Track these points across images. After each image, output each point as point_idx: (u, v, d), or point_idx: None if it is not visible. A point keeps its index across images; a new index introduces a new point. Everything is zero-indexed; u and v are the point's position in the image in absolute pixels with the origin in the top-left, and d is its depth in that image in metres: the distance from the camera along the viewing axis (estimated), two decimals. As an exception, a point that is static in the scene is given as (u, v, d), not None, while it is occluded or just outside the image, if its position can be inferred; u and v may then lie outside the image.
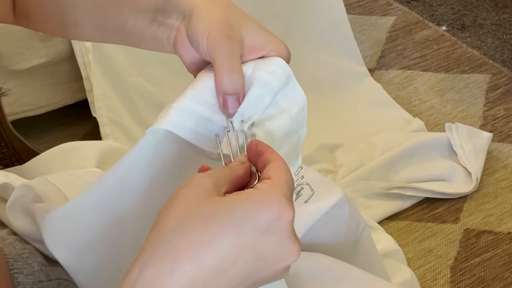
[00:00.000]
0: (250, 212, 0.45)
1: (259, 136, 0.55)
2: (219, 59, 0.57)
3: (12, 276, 0.67)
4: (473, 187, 1.58)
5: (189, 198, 0.46)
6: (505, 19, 2.15)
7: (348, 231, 0.91)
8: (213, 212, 0.45)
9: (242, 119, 0.56)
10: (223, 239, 0.45)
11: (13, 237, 0.73)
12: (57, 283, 0.69)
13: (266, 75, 0.58)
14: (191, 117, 0.55)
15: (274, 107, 0.58)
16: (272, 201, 0.46)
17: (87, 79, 1.57)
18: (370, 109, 1.81)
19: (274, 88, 0.58)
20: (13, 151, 1.39)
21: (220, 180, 0.48)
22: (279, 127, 0.57)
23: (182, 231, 0.45)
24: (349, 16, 1.90)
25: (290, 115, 0.59)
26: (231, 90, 0.56)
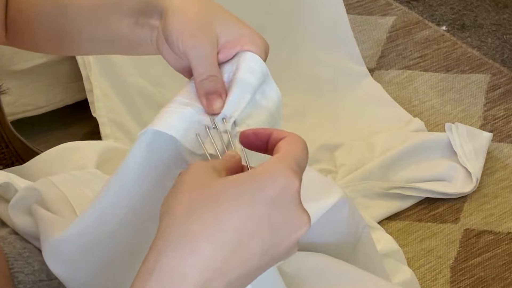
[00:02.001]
0: (258, 184, 0.45)
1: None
2: (195, 61, 0.57)
3: (13, 275, 0.67)
4: (473, 187, 1.58)
5: (193, 182, 0.46)
6: (505, 19, 2.15)
7: (348, 231, 0.91)
8: (221, 190, 0.45)
9: (223, 117, 0.56)
10: (236, 214, 0.44)
11: (13, 236, 0.73)
12: (57, 282, 0.69)
13: (245, 74, 0.58)
14: (179, 119, 0.55)
15: (253, 105, 0.59)
16: (277, 172, 0.46)
17: (87, 79, 1.57)
18: (370, 109, 1.81)
19: (253, 86, 0.58)
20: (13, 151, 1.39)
21: (218, 166, 0.48)
22: (258, 125, 0.58)
23: (194, 213, 0.45)
24: (349, 16, 1.90)
25: (269, 112, 0.59)
26: (210, 90, 0.57)
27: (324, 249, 0.87)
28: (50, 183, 0.76)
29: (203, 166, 0.48)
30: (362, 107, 1.82)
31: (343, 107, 1.82)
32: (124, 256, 0.62)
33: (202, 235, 0.44)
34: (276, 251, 0.46)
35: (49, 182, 0.76)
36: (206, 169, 0.47)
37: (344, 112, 1.81)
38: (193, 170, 0.48)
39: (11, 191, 0.77)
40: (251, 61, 0.59)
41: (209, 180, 0.46)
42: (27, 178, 0.84)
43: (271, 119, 0.60)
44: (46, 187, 0.75)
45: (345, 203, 0.88)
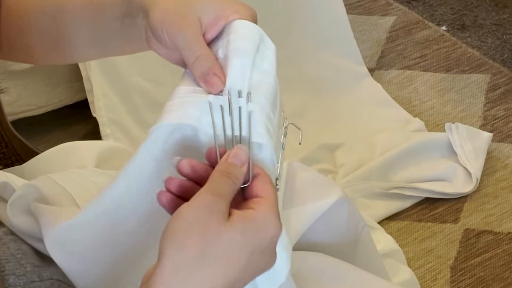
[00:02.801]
0: (258, 234, 0.51)
1: (256, 112, 0.56)
2: (181, 47, 0.58)
3: (3, 278, 0.67)
4: (473, 187, 1.58)
5: (208, 224, 0.50)
6: (505, 19, 2.15)
7: (348, 231, 0.91)
8: (229, 242, 0.50)
9: (232, 92, 0.56)
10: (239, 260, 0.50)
11: (9, 237, 0.73)
12: (49, 283, 0.69)
13: (239, 43, 0.58)
14: (193, 107, 0.55)
15: (257, 70, 0.59)
16: (270, 221, 0.52)
17: (87, 79, 1.57)
18: (370, 109, 1.81)
19: (250, 51, 0.58)
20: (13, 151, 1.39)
21: (228, 197, 0.52)
22: (270, 94, 0.58)
23: (205, 263, 0.49)
24: (349, 16, 1.90)
25: (273, 76, 0.60)
26: (204, 70, 0.57)
27: (324, 249, 0.87)
28: (49, 180, 0.76)
29: (218, 204, 0.50)
30: (362, 107, 1.82)
31: (343, 107, 1.82)
32: (130, 251, 0.62)
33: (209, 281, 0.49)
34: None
35: (49, 179, 0.76)
36: (220, 209, 0.50)
37: (344, 112, 1.81)
38: (208, 209, 0.50)
39: (9, 191, 0.77)
40: (240, 28, 0.59)
41: (216, 228, 0.50)
42: (27, 178, 0.84)
43: (273, 81, 0.60)
44: (46, 184, 0.75)
45: (345, 203, 0.88)
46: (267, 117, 0.57)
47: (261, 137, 0.55)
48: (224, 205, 0.51)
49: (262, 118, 0.56)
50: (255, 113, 0.56)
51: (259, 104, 0.57)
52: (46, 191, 0.74)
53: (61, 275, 0.70)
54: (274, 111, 0.59)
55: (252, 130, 0.55)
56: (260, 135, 0.55)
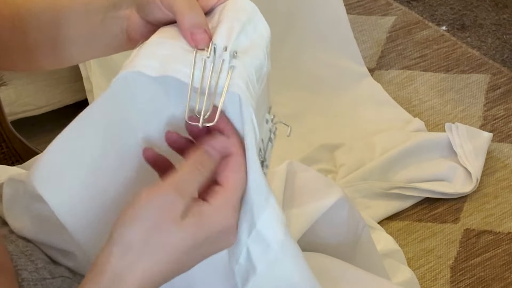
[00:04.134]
0: (205, 230, 0.53)
1: (238, 67, 0.54)
2: (175, 3, 0.57)
3: (17, 273, 0.67)
4: (473, 187, 1.58)
5: (161, 222, 0.51)
6: (505, 19, 2.15)
7: (348, 231, 0.91)
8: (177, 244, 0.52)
9: (217, 48, 0.55)
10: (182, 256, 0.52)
11: (15, 235, 0.73)
12: (60, 280, 0.69)
13: (232, 13, 0.58)
14: (161, 58, 0.54)
15: (245, 36, 0.58)
16: (220, 216, 0.53)
17: (87, 79, 1.57)
18: (370, 109, 1.81)
19: (241, 18, 0.58)
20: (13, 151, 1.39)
21: (191, 190, 0.53)
22: (255, 60, 0.57)
23: (149, 257, 0.52)
24: (349, 16, 1.90)
25: (262, 49, 0.59)
26: (195, 23, 0.56)
27: (324, 249, 0.87)
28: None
29: (174, 203, 0.52)
30: (362, 107, 1.82)
31: (343, 107, 1.82)
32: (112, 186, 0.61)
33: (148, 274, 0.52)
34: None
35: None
36: (175, 208, 0.52)
37: (344, 112, 1.81)
38: (160, 204, 0.52)
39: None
40: (237, 4, 0.59)
41: (167, 229, 0.51)
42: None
43: (264, 55, 0.59)
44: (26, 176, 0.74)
45: (345, 203, 0.88)
46: (250, 77, 0.55)
47: (239, 89, 0.53)
48: (183, 205, 0.52)
49: (243, 74, 0.54)
50: (237, 68, 0.54)
51: (243, 63, 0.55)
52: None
53: (71, 272, 0.70)
54: (259, 82, 0.57)
55: (231, 82, 0.53)
56: (238, 86, 0.53)
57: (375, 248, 1.00)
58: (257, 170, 0.55)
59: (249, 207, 0.56)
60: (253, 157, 0.54)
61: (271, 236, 0.56)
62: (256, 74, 0.57)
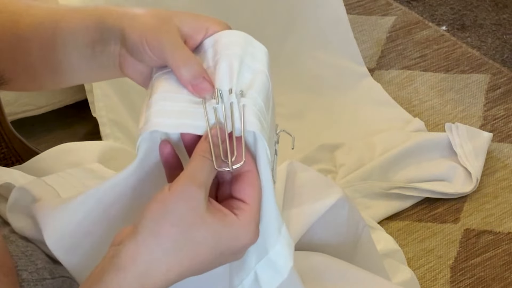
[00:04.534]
0: (231, 241, 0.54)
1: (248, 105, 0.55)
2: (168, 55, 0.58)
3: (17, 273, 0.67)
4: (473, 187, 1.58)
5: (185, 216, 0.52)
6: (505, 19, 2.15)
7: (348, 231, 0.91)
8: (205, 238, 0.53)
9: (222, 91, 0.56)
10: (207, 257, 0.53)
11: (15, 235, 0.73)
12: (61, 280, 0.69)
13: (224, 51, 0.58)
14: (171, 114, 0.55)
15: (247, 70, 0.58)
16: (248, 233, 0.54)
17: (87, 79, 1.57)
18: (370, 109, 1.81)
19: (237, 53, 0.58)
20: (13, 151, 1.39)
21: (207, 181, 0.54)
22: (262, 91, 0.58)
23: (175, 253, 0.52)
24: (349, 16, 1.90)
25: (265, 73, 0.59)
26: (194, 75, 0.57)
27: (324, 249, 0.87)
28: (42, 183, 0.76)
29: (197, 196, 0.52)
30: (362, 107, 1.82)
31: (343, 107, 1.82)
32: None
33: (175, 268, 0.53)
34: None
35: (42, 182, 0.76)
36: (199, 200, 0.52)
37: (344, 112, 1.81)
38: (186, 199, 0.52)
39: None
40: (224, 37, 0.60)
41: (192, 222, 0.52)
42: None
43: (268, 80, 0.59)
44: (38, 186, 0.75)
45: (345, 203, 0.88)
46: (260, 110, 0.57)
47: (254, 126, 0.55)
48: (201, 194, 0.52)
49: (254, 110, 0.56)
50: (247, 106, 0.55)
51: (251, 98, 0.56)
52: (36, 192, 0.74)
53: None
54: (268, 108, 0.59)
55: (245, 119, 0.55)
56: (252, 124, 0.55)
57: (375, 248, 1.00)
58: (272, 202, 0.57)
59: (262, 234, 0.57)
60: (270, 189, 0.56)
61: (282, 264, 0.59)
62: (264, 102, 0.58)
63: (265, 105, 0.58)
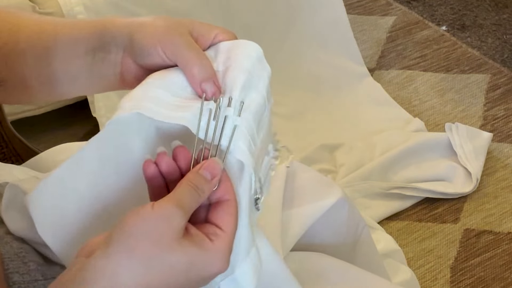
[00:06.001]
0: (204, 267, 0.52)
1: (242, 127, 0.55)
2: (183, 54, 0.58)
3: (7, 276, 0.67)
4: (473, 187, 1.58)
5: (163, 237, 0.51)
6: (505, 19, 2.15)
7: (348, 231, 0.91)
8: (179, 261, 0.51)
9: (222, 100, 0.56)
10: (177, 280, 0.52)
11: (10, 236, 0.73)
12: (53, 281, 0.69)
13: (238, 61, 0.59)
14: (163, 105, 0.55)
15: (250, 87, 0.58)
16: (221, 260, 0.53)
17: (87, 79, 1.57)
18: (370, 109, 1.81)
19: (247, 68, 0.59)
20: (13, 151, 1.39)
21: (190, 210, 0.53)
22: (256, 112, 0.58)
23: (146, 271, 0.51)
24: (349, 16, 1.90)
25: (262, 95, 0.59)
26: (206, 76, 0.57)
27: (324, 249, 0.87)
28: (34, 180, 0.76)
29: (176, 220, 0.51)
30: (362, 107, 1.82)
31: (343, 107, 1.82)
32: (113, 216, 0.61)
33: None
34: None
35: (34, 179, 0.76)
36: (177, 225, 0.51)
37: (344, 112, 1.81)
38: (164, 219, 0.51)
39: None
40: (244, 48, 0.60)
41: (169, 244, 0.51)
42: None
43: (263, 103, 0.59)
44: (30, 183, 0.75)
45: (345, 203, 0.88)
46: (252, 136, 0.56)
47: (244, 155, 0.55)
48: (184, 220, 0.52)
49: (246, 136, 0.56)
50: (240, 128, 0.55)
51: (246, 121, 0.56)
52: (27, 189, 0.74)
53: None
54: (259, 133, 0.59)
55: (234, 144, 0.55)
56: (242, 153, 0.55)
57: (375, 248, 1.00)
58: (246, 227, 0.56)
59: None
60: (245, 215, 0.56)
61: (246, 284, 0.58)
62: (256, 124, 0.58)
63: (257, 127, 0.58)
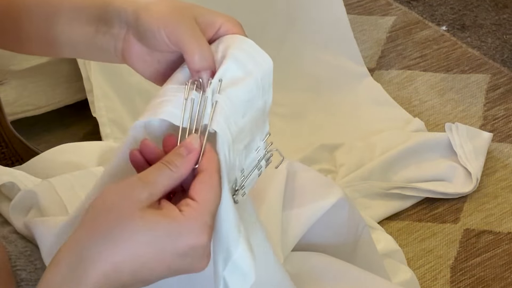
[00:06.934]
0: (172, 238, 0.50)
1: (221, 102, 0.55)
2: (184, 40, 0.57)
3: (15, 273, 0.67)
4: (473, 187, 1.58)
5: (122, 207, 0.50)
6: (505, 19, 2.15)
7: (348, 231, 0.92)
8: (140, 229, 0.50)
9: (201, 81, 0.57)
10: (145, 252, 0.50)
11: (15, 235, 0.73)
12: None
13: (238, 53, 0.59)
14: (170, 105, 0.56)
15: (239, 66, 0.58)
16: (192, 230, 0.50)
17: (87, 79, 1.57)
18: (370, 109, 1.81)
19: (235, 53, 0.58)
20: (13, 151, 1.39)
21: (157, 189, 0.51)
22: (243, 93, 0.57)
23: (111, 240, 0.49)
24: (349, 16, 1.90)
25: (255, 80, 0.59)
26: (204, 65, 0.57)
27: (324, 250, 0.87)
28: (49, 186, 0.76)
29: (138, 192, 0.50)
30: (362, 107, 1.82)
31: (343, 107, 1.82)
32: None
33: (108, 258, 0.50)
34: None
35: (49, 185, 0.76)
36: (139, 197, 0.50)
37: (344, 112, 1.81)
38: (127, 194, 0.50)
39: (15, 191, 0.77)
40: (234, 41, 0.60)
41: (135, 211, 0.50)
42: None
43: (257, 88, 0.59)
44: (45, 191, 0.75)
45: (345, 203, 0.88)
46: (232, 111, 0.56)
47: (218, 126, 0.54)
48: (146, 193, 0.51)
49: (225, 109, 0.55)
50: (219, 104, 0.55)
51: (228, 98, 0.56)
52: (43, 199, 0.74)
53: None
54: (244, 114, 0.58)
55: (213, 119, 0.54)
56: (217, 123, 0.54)
57: (375, 248, 1.00)
58: (228, 202, 0.55)
59: (224, 239, 0.55)
60: (225, 189, 0.55)
61: (247, 266, 0.57)
62: (242, 106, 0.57)
63: (243, 109, 0.57)
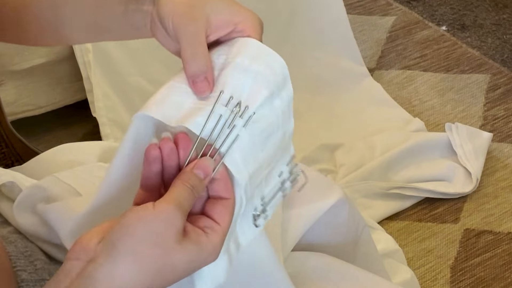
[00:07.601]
0: (201, 262, 0.53)
1: (243, 139, 0.55)
2: (183, 44, 0.58)
3: (16, 274, 0.67)
4: (473, 187, 1.58)
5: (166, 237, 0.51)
6: (505, 19, 2.15)
7: (348, 231, 0.92)
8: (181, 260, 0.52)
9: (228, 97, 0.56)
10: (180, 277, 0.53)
11: (15, 236, 0.73)
12: None
13: (244, 60, 0.58)
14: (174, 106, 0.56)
15: (270, 107, 0.58)
16: (214, 253, 0.54)
17: (87, 79, 1.57)
18: (370, 109, 1.81)
19: (270, 81, 0.58)
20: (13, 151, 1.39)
21: (188, 210, 0.53)
22: (264, 128, 0.58)
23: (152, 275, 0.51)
24: (349, 16, 1.90)
25: (275, 113, 0.59)
26: (196, 71, 0.57)
27: (324, 250, 0.87)
28: (56, 180, 0.76)
29: (176, 220, 0.51)
30: (362, 107, 1.82)
31: (343, 107, 1.82)
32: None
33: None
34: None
35: (55, 179, 0.76)
36: (178, 224, 0.51)
37: (344, 112, 1.81)
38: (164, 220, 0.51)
39: (15, 191, 0.77)
40: (272, 61, 0.59)
41: (172, 245, 0.51)
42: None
43: (278, 120, 0.59)
44: (52, 183, 0.75)
45: (345, 203, 0.88)
46: (252, 149, 0.56)
47: (235, 166, 0.55)
48: (183, 221, 0.52)
49: (245, 149, 0.56)
50: (241, 138, 0.55)
51: (251, 133, 0.56)
52: (52, 190, 0.75)
53: None
54: (263, 147, 0.58)
55: (231, 154, 0.55)
56: (235, 164, 0.55)
57: (375, 248, 1.01)
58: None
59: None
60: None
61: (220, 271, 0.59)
62: (261, 142, 0.57)
63: (262, 148, 0.58)
